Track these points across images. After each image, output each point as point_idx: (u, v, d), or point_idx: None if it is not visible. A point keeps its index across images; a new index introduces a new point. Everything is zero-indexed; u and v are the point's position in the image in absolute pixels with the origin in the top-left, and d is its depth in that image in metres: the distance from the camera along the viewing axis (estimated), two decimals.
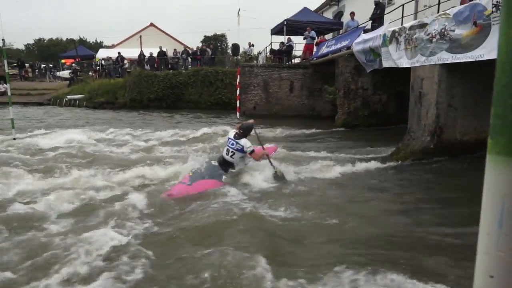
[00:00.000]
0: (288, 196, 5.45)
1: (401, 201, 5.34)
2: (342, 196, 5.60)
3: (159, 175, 6.29)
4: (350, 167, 7.15)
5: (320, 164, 7.20)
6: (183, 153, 8.15)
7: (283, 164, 6.76)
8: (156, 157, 7.80)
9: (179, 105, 21.64)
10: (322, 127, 13.30)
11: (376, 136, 11.34)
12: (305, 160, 7.59)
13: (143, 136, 11.07)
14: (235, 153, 5.92)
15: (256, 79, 17.20)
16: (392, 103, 13.05)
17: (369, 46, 10.45)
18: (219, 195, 5.23)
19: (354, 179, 6.52)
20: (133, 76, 22.16)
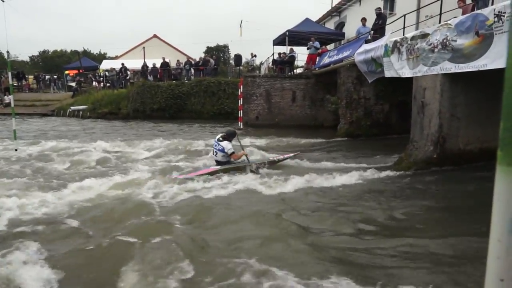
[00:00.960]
0: (286, 205, 5.44)
1: (404, 212, 5.27)
2: (343, 206, 5.56)
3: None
4: (352, 177, 7.12)
5: (321, 174, 7.17)
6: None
7: (283, 174, 6.94)
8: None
9: (182, 115, 21.71)
10: (324, 137, 13.28)
11: (378, 146, 11.30)
12: (307, 170, 7.55)
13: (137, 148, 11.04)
14: (217, 152, 7.39)
15: (258, 89, 17.27)
16: (395, 112, 13.04)
17: (371, 56, 10.48)
18: (222, 203, 5.32)
19: (356, 189, 6.48)
20: (136, 86, 22.29)
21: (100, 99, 22.88)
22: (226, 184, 6.51)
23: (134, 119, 20.95)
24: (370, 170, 7.62)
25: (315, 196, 6.01)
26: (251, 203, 5.45)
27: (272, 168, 7.82)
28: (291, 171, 7.52)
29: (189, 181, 6.67)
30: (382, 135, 12.82)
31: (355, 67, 12.16)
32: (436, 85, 7.39)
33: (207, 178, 6.81)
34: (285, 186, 6.44)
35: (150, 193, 5.89)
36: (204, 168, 7.52)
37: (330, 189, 6.45)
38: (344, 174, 7.24)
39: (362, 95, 13.00)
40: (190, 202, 5.49)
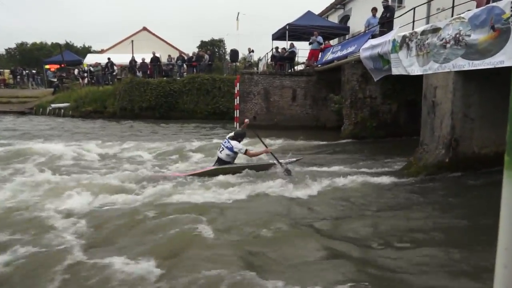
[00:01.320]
0: (288, 212, 5.44)
1: (412, 221, 5.24)
2: (346, 214, 5.54)
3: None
4: (356, 182, 7.10)
5: (324, 179, 7.15)
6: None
7: (282, 179, 6.99)
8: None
9: (173, 114, 21.70)
10: (327, 138, 13.27)
11: (385, 148, 11.29)
12: (308, 175, 7.52)
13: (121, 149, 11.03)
14: (224, 149, 7.72)
15: (256, 87, 17.27)
16: (403, 113, 13.06)
17: (377, 52, 10.49)
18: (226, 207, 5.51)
19: (360, 195, 6.46)
20: (123, 83, 22.27)
21: (84, 97, 22.82)
22: (220, 188, 6.48)
23: (121, 118, 20.90)
24: (376, 175, 7.60)
25: (315, 203, 5.99)
26: (253, 210, 5.50)
27: (265, 175, 7.65)
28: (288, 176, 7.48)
29: (189, 181, 6.91)
30: (390, 137, 12.84)
31: (361, 64, 12.17)
32: (448, 83, 7.39)
33: (205, 177, 7.14)
34: (283, 192, 6.44)
35: (149, 196, 6.03)
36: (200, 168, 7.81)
37: (332, 196, 6.42)
38: (348, 179, 7.21)
39: (368, 94, 13.02)
40: (191, 205, 5.46)
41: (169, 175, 7.39)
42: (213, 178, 7.10)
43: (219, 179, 7.00)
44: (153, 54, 24.70)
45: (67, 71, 29.25)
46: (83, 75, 26.40)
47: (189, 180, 7.06)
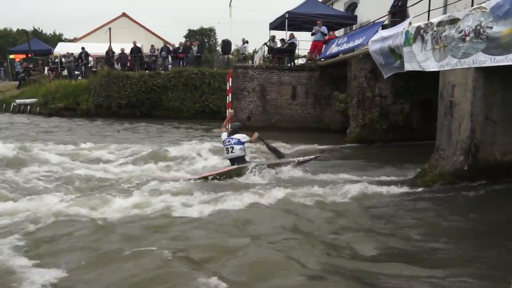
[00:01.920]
0: (289, 223, 5.50)
1: (425, 235, 5.28)
2: (353, 228, 5.57)
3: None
4: (363, 192, 7.14)
5: (327, 188, 7.18)
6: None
7: (283, 187, 7.13)
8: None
9: (156, 113, 21.61)
10: (331, 142, 13.31)
11: (396, 154, 11.34)
12: (310, 183, 7.55)
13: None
14: (234, 147, 8.54)
15: (251, 83, 17.28)
16: (417, 114, 13.13)
17: (388, 45, 10.55)
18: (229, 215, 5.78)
19: (367, 207, 6.49)
20: (99, 76, 22.16)
21: (54, 92, 22.66)
22: (221, 197, 6.61)
23: (96, 116, 20.80)
24: (386, 184, 7.66)
25: (318, 214, 6.02)
26: (254, 219, 5.64)
27: (272, 180, 7.94)
28: (291, 183, 7.52)
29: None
30: (401, 141, 12.90)
31: (369, 58, 12.22)
32: (468, 81, 7.45)
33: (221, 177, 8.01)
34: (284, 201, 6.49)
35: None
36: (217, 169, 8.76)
37: (336, 207, 6.46)
38: (354, 188, 7.26)
39: (377, 92, 13.08)
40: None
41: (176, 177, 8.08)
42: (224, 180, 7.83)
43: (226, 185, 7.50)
44: (134, 44, 24.62)
45: (34, 62, 29.06)
46: (52, 66, 26.24)
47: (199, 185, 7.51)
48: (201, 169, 9.25)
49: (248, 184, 7.61)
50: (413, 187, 7.60)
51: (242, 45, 24.14)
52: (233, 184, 7.65)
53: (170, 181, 7.57)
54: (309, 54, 18.84)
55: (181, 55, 23.72)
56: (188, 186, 7.36)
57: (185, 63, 23.50)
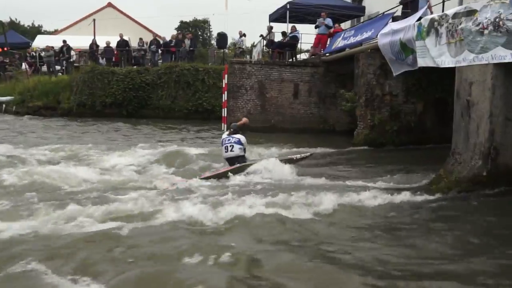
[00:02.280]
0: (291, 234, 5.50)
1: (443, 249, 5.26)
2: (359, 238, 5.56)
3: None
4: (372, 200, 7.12)
5: (332, 195, 7.17)
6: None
7: (285, 194, 7.11)
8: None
9: (145, 112, 21.63)
10: (336, 145, 13.30)
11: (408, 158, 11.34)
12: (313, 189, 7.54)
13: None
14: (233, 145, 9.16)
15: (249, 80, 17.31)
16: (431, 114, 13.15)
17: (399, 38, 10.57)
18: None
19: (377, 216, 6.48)
20: (82, 72, 22.18)
21: (32, 89, 22.66)
22: (216, 204, 6.63)
23: (79, 116, 20.79)
24: (397, 192, 7.63)
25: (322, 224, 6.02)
26: (252, 232, 5.66)
27: (273, 187, 7.93)
28: (293, 190, 7.51)
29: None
30: (414, 144, 12.90)
31: (379, 53, 12.23)
32: (486, 78, 7.46)
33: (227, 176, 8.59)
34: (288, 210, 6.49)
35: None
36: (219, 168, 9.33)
37: (342, 216, 6.45)
38: (362, 196, 7.24)
39: (387, 90, 13.10)
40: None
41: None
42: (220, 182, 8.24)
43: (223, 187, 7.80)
44: (121, 37, 24.63)
45: (11, 56, 29.03)
46: (31, 61, 26.22)
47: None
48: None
49: (250, 189, 7.67)
50: (427, 195, 7.57)
51: (239, 39, 24.17)
52: (240, 188, 7.76)
53: (178, 183, 8.18)
54: (312, 48, 18.90)
55: (173, 49, 23.72)
56: (194, 188, 7.77)
57: (176, 58, 23.50)
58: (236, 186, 7.93)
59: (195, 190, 7.60)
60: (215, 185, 8.11)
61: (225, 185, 8.07)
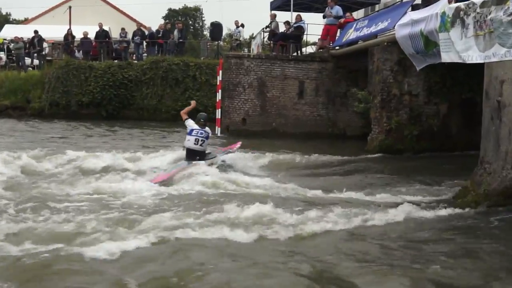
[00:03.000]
0: (297, 254, 5.52)
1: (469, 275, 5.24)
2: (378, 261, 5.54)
3: None
4: (389, 215, 7.12)
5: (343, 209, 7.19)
6: None
7: (294, 209, 7.18)
8: None
9: (127, 113, 21.67)
10: (348, 152, 13.30)
11: (430, 168, 11.31)
12: (323, 204, 7.53)
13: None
14: (204, 141, 10.00)
15: (247, 77, 17.31)
16: (456, 117, 13.14)
17: (420, 30, 10.60)
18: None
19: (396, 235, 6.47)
20: (56, 67, 22.15)
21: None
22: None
23: (51, 117, 20.76)
24: (417, 206, 7.62)
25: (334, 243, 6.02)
26: (255, 252, 5.67)
27: (277, 200, 7.91)
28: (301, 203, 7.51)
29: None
30: (436, 151, 12.90)
31: (396, 46, 12.25)
32: None
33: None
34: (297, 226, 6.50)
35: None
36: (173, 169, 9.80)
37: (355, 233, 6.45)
38: (379, 211, 7.24)
39: (406, 89, 13.09)
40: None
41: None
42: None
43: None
44: (100, 27, 24.60)
45: None
46: None
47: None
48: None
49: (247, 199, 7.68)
50: (452, 209, 7.57)
51: (236, 29, 24.19)
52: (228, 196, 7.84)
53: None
54: (320, 40, 18.88)
55: (159, 41, 23.75)
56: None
57: (164, 51, 23.51)
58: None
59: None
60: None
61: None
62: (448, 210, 7.58)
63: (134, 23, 30.54)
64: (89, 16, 30.30)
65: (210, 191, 8.42)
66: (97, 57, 24.13)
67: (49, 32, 27.08)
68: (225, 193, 8.37)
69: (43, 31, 25.95)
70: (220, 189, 8.63)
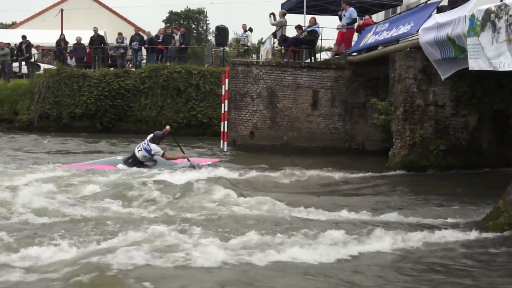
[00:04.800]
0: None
1: None
2: None
3: None
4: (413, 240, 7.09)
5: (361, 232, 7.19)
6: None
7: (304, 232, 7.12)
8: None
9: (124, 126, 21.84)
10: (366, 168, 13.29)
11: (458, 186, 11.27)
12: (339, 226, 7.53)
13: None
14: (142, 150, 12.11)
15: (255, 86, 17.35)
16: (487, 130, 13.07)
17: (446, 34, 10.62)
18: None
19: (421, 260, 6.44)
20: (46, 76, 22.29)
21: None
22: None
23: (41, 131, 20.82)
24: (444, 229, 7.59)
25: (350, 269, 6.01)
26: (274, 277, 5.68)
27: (283, 221, 7.95)
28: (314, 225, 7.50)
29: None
30: (465, 169, 12.84)
31: (420, 52, 12.27)
32: None
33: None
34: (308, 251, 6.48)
35: None
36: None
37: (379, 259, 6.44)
38: (400, 234, 7.21)
39: (431, 99, 13.07)
40: None
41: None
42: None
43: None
44: (95, 32, 24.79)
45: None
46: None
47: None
48: None
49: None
50: (482, 233, 7.51)
51: (243, 34, 24.38)
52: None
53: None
54: (336, 46, 18.93)
55: (160, 46, 23.90)
56: None
57: (164, 58, 23.65)
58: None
59: None
60: None
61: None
62: (477, 233, 7.52)
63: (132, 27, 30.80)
64: (83, 20, 30.61)
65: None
66: (91, 65, 24.33)
67: (39, 38, 27.34)
68: (232, 214, 8.41)
69: (32, 36, 26.18)
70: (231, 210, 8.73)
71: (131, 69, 23.34)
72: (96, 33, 24.85)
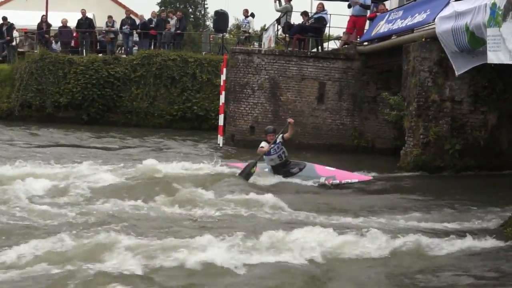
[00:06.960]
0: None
1: None
2: None
3: None
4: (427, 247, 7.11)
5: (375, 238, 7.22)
6: None
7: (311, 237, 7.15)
8: None
9: (112, 118, 21.89)
10: (377, 168, 13.32)
11: (475, 189, 11.34)
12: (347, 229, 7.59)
13: None
14: (284, 150, 12.16)
15: (257, 77, 17.36)
16: (507, 129, 13.10)
17: (465, 24, 10.63)
18: None
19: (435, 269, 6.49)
20: (28, 61, 22.28)
21: None
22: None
23: (22, 121, 20.89)
24: (459, 235, 7.62)
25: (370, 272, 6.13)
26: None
27: (284, 221, 8.10)
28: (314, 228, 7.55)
29: None
30: (483, 170, 12.88)
31: (437, 43, 12.28)
32: None
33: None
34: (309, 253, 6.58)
35: None
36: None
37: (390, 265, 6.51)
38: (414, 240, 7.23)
39: (447, 94, 13.08)
40: None
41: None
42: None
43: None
44: (82, 14, 24.68)
45: None
46: None
47: None
48: None
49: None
50: (499, 240, 7.53)
51: (244, 20, 24.36)
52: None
53: None
54: (345, 34, 18.90)
55: (153, 32, 23.87)
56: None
57: (158, 44, 23.64)
58: None
59: None
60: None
61: None
62: (494, 240, 7.53)
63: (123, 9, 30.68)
64: (70, 1, 30.45)
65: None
66: (78, 50, 24.28)
67: (21, 19, 27.19)
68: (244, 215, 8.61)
69: (13, 18, 26.05)
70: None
71: (121, 56, 23.31)
72: (84, 15, 24.75)
